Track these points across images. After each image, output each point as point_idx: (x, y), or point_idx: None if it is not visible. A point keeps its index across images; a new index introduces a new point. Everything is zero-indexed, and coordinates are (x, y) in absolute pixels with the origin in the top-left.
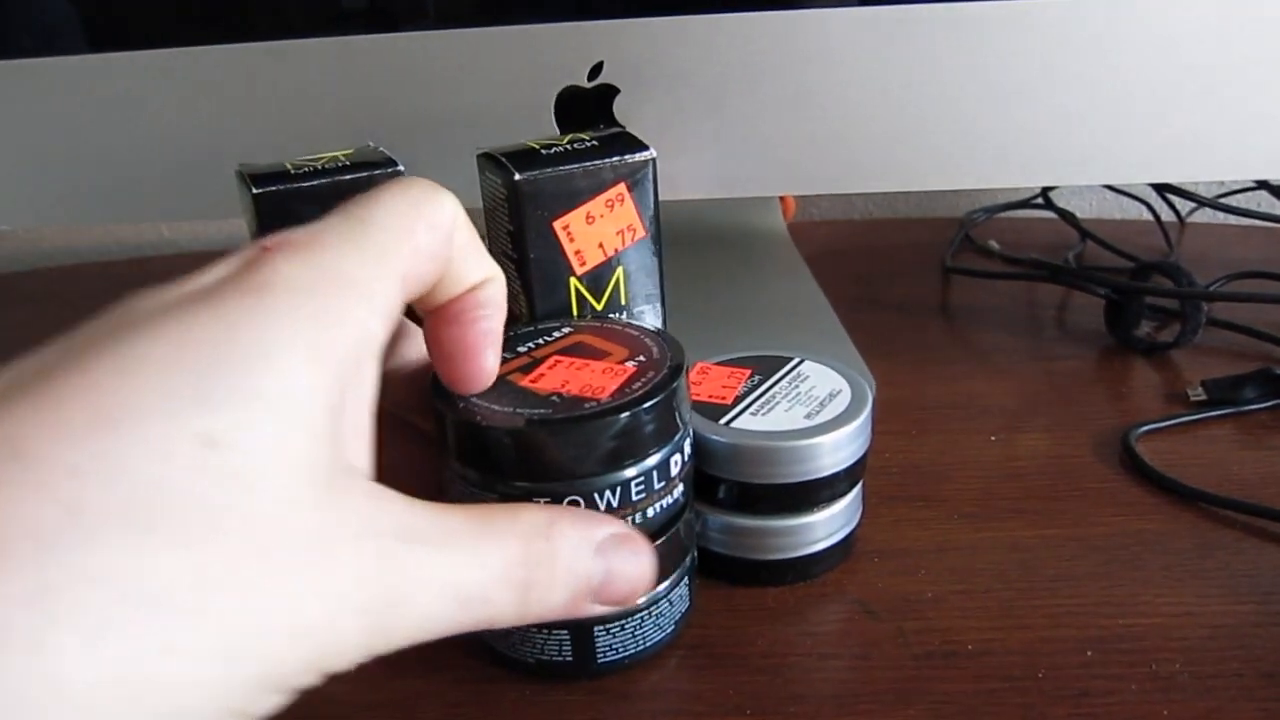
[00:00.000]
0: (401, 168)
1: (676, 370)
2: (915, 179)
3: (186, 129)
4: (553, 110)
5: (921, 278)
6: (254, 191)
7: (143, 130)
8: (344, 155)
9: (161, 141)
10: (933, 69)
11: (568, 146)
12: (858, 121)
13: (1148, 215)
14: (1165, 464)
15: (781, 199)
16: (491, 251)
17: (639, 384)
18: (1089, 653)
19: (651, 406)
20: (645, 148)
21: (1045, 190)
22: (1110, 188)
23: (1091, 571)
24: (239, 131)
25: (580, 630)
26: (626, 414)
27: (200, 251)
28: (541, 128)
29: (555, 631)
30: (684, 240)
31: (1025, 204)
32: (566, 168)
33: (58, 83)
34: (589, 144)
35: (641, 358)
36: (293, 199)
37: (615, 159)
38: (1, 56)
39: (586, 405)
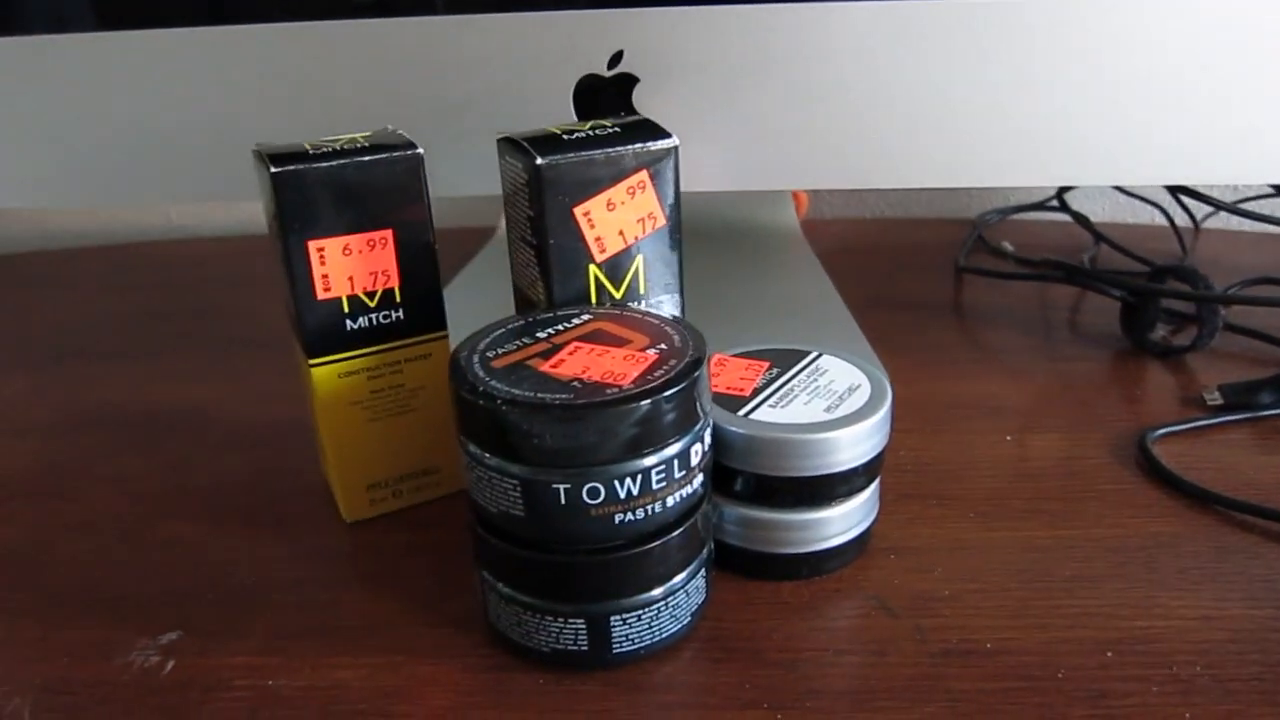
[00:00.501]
0: (421, 150)
1: (698, 359)
2: (929, 175)
3: (204, 110)
4: (571, 98)
5: (934, 277)
6: (272, 170)
7: (154, 111)
8: (362, 137)
9: (174, 123)
10: (949, 65)
11: (590, 132)
12: (873, 117)
13: (1161, 220)
14: (1181, 467)
15: (794, 196)
16: (510, 237)
17: (660, 372)
18: (1108, 654)
19: (674, 394)
20: (668, 135)
21: (1060, 192)
22: (1125, 191)
23: (1108, 573)
24: (255, 114)
25: (596, 620)
26: (648, 401)
27: (206, 237)
28: (560, 115)
29: (571, 621)
30: (696, 234)
31: (1039, 206)
32: (588, 153)
33: (66, 61)
34: (611, 130)
35: (662, 345)
36: (311, 179)
37: (638, 146)
38: (9, 33)
39: (608, 391)
